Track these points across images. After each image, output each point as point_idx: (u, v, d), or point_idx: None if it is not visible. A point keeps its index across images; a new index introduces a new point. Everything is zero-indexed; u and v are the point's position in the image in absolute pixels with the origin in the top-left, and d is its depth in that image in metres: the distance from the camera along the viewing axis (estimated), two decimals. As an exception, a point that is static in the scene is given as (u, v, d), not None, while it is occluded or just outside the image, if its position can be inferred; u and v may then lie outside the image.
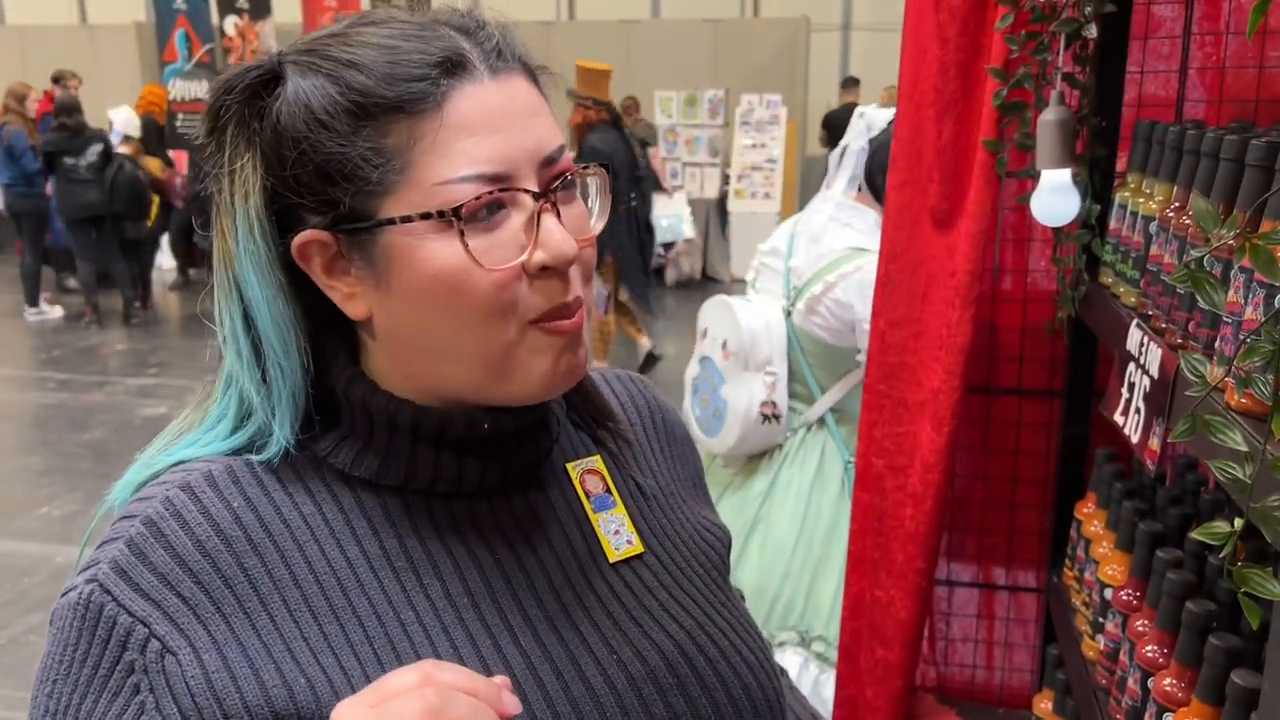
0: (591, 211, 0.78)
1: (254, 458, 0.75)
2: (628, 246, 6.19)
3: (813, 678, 2.16)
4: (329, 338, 0.77)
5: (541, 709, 0.72)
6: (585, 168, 0.77)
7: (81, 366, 7.08)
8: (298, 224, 0.73)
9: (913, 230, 1.60)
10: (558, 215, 0.72)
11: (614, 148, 5.80)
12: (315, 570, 0.72)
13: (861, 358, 2.12)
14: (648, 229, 9.41)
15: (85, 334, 7.93)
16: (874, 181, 2.18)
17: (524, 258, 0.71)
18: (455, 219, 0.69)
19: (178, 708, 0.68)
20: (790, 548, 2.23)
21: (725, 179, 10.07)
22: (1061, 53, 1.35)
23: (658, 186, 9.38)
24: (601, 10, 12.48)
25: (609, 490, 0.85)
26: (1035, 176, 1.39)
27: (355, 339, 0.78)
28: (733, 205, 9.74)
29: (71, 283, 9.04)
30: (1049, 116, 1.34)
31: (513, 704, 0.64)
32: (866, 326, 2.03)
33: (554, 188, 0.73)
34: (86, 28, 13.00)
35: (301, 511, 0.74)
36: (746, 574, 2.25)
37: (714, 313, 2.34)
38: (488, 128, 0.70)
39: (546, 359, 0.73)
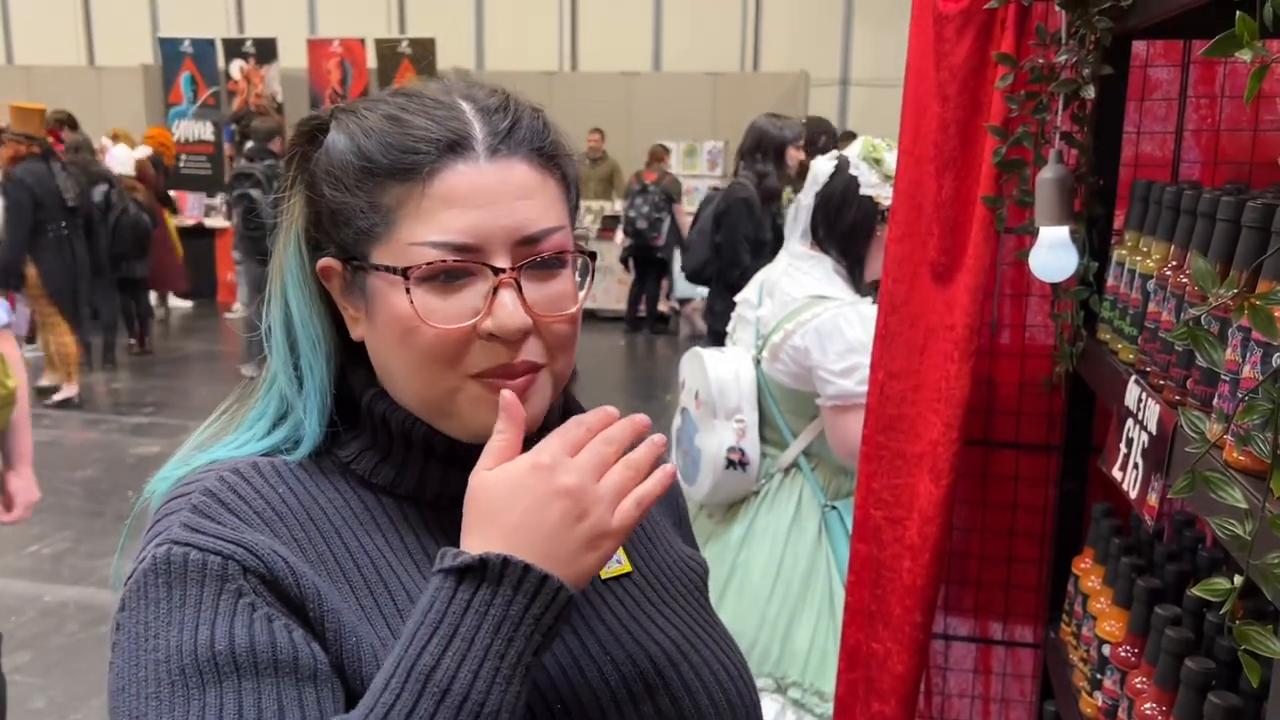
0: (581, 287, 0.86)
1: (287, 457, 0.85)
2: (57, 273, 6.85)
3: None
4: (355, 357, 0.88)
5: (538, 699, 0.79)
6: (564, 251, 0.83)
7: (76, 404, 7.06)
8: (323, 251, 0.85)
9: (912, 283, 1.61)
10: (518, 290, 0.80)
11: (38, 178, 6.63)
12: (350, 550, 0.81)
13: (821, 401, 2.17)
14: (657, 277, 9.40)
15: (81, 371, 7.92)
16: (816, 232, 2.28)
17: (474, 322, 0.80)
18: (403, 277, 0.79)
19: (293, 614, 0.74)
20: (766, 594, 2.24)
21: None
22: (1060, 112, 1.37)
23: (680, 241, 9.44)
24: (603, 62, 12.67)
25: None
26: (1034, 233, 1.41)
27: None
28: (730, 255, 9.80)
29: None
30: (1048, 174, 1.36)
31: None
32: (823, 373, 2.14)
33: (521, 265, 0.80)
34: (94, 69, 13.15)
35: (335, 504, 0.84)
36: (723, 619, 2.22)
37: (689, 364, 2.41)
38: (467, 203, 0.79)
39: (487, 409, 0.81)
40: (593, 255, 0.88)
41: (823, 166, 2.29)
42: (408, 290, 0.79)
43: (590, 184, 10.21)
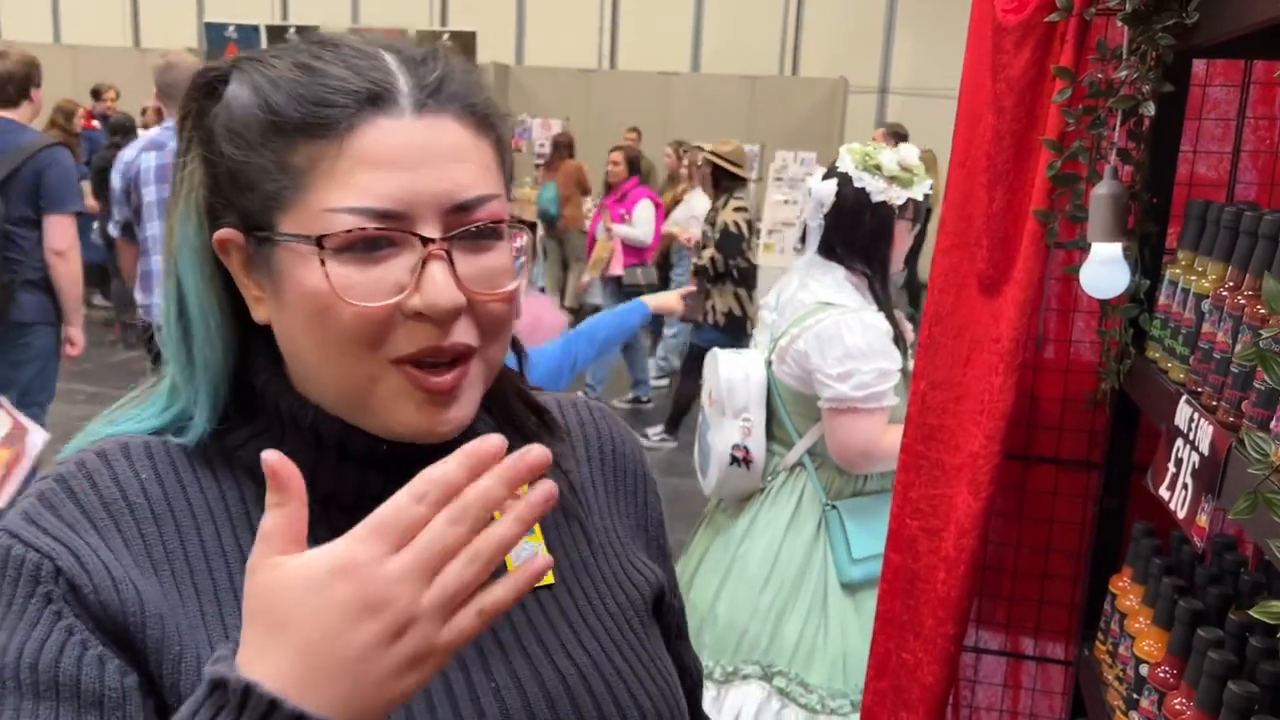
0: (519, 264, 0.76)
1: (174, 439, 0.77)
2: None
3: (774, 711, 2.30)
4: (257, 337, 0.78)
5: None
6: (500, 221, 0.74)
7: (110, 380, 7.15)
8: (222, 222, 0.75)
9: (959, 294, 1.61)
10: (450, 263, 0.71)
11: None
12: (206, 550, 0.73)
13: (822, 403, 2.29)
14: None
15: (116, 348, 8.02)
16: (834, 251, 2.38)
17: (399, 298, 0.70)
18: (317, 246, 0.70)
19: (98, 627, 0.69)
20: (760, 585, 2.35)
21: (756, 232, 10.13)
22: (1117, 128, 1.37)
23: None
24: (642, 61, 12.67)
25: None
26: (1084, 248, 1.40)
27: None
28: (762, 259, 9.78)
29: (97, 299, 9.14)
30: (1102, 190, 1.35)
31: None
32: (821, 376, 2.27)
33: (452, 235, 0.71)
34: (139, 51, 13.28)
35: (206, 495, 0.76)
36: (721, 607, 2.40)
37: (708, 364, 2.54)
38: (392, 164, 0.70)
39: (410, 406, 0.72)
40: (533, 226, 0.78)
41: (824, 188, 2.39)
42: (322, 262, 0.69)
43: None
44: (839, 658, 2.29)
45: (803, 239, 2.50)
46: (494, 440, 0.60)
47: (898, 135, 8.22)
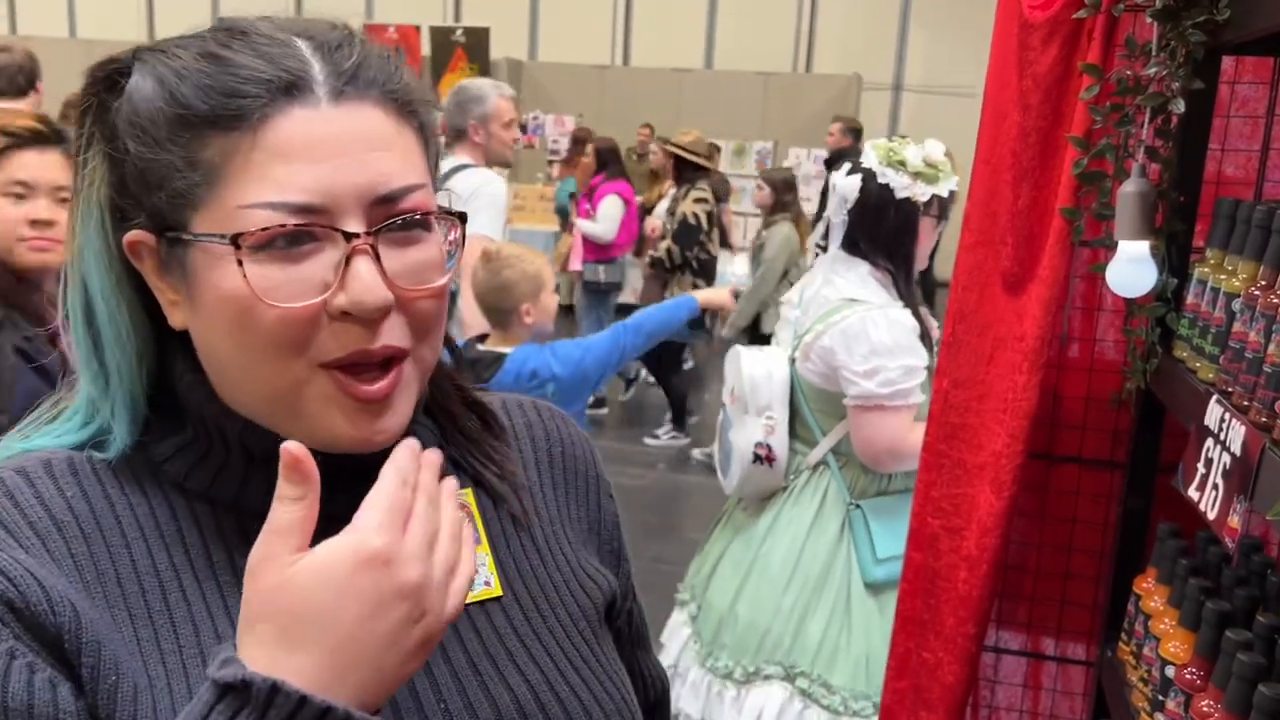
0: (450, 257, 0.72)
1: (96, 454, 0.73)
2: None
3: (796, 712, 2.29)
4: (174, 342, 0.74)
5: None
6: (427, 212, 0.70)
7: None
8: (130, 223, 0.71)
9: (983, 292, 1.60)
10: (376, 258, 0.67)
11: None
12: (138, 570, 0.69)
13: (848, 401, 2.28)
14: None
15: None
16: (858, 246, 2.37)
17: (324, 297, 0.67)
18: (234, 245, 0.65)
19: (42, 648, 0.64)
20: (783, 585, 2.34)
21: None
22: (1146, 126, 1.36)
23: (725, 243, 9.39)
24: (655, 58, 12.67)
25: (474, 526, 0.80)
26: (1110, 246, 1.39)
27: None
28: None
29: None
30: (1130, 188, 1.34)
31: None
32: (846, 373, 2.25)
33: (377, 229, 0.68)
34: (153, 45, 13.33)
35: (135, 512, 0.71)
36: (742, 607, 2.38)
37: (729, 362, 2.53)
38: (308, 156, 0.66)
39: (340, 415, 0.69)
40: (462, 217, 0.73)
41: (849, 184, 2.37)
42: (240, 262, 0.65)
43: (635, 180, 10.22)
44: (862, 659, 2.27)
45: (826, 235, 2.49)
46: (410, 441, 0.67)
47: (854, 131, 8.12)
